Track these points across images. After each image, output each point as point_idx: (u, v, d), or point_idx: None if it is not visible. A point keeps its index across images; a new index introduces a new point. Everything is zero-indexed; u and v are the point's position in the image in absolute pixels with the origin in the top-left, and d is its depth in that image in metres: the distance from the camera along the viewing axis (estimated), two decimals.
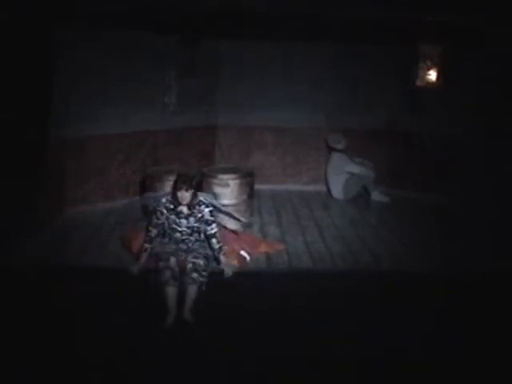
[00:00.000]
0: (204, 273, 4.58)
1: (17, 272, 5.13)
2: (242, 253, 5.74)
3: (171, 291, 4.48)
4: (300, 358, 4.09)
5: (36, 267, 5.35)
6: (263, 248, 6.06)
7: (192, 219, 4.80)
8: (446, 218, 7.48)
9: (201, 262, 4.63)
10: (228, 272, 4.86)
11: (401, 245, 6.44)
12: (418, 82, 8.41)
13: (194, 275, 4.54)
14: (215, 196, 6.29)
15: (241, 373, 3.93)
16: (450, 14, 6.51)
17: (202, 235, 4.88)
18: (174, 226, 4.81)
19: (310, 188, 8.83)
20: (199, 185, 6.49)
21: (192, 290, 4.51)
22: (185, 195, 4.69)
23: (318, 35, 8.10)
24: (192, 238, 4.83)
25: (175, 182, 4.75)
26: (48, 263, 5.54)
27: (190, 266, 4.59)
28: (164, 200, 4.87)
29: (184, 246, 4.83)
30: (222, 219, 5.90)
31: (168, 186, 6.27)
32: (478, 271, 5.58)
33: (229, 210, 6.20)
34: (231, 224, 6.23)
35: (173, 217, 4.80)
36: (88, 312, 4.58)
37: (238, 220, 6.28)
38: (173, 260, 4.61)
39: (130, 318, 4.50)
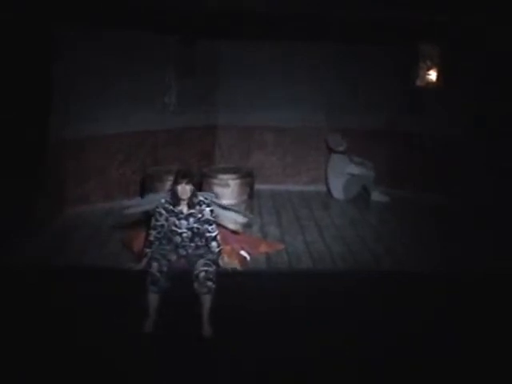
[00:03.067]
0: (215, 279, 4.46)
1: (17, 272, 5.13)
2: (242, 253, 5.74)
3: (151, 298, 4.39)
4: (300, 358, 4.09)
5: (36, 267, 5.35)
6: (263, 248, 6.06)
7: (192, 219, 4.66)
8: (446, 218, 7.48)
9: (212, 269, 4.48)
10: (228, 270, 4.85)
11: (401, 245, 6.44)
12: (418, 82, 8.41)
13: (209, 284, 4.40)
14: (216, 196, 6.26)
15: (241, 373, 3.93)
16: (450, 14, 6.52)
17: (203, 240, 4.74)
18: (174, 228, 4.67)
19: (310, 188, 8.83)
20: (199, 185, 6.48)
21: (207, 300, 4.39)
22: (185, 189, 4.55)
23: (318, 35, 8.11)
24: (192, 245, 4.69)
25: (175, 177, 4.62)
26: (48, 263, 5.55)
27: (203, 274, 4.42)
28: (163, 201, 4.73)
29: (183, 252, 4.69)
30: (222, 220, 5.87)
31: (168, 186, 6.30)
32: (478, 271, 5.58)
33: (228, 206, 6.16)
34: (231, 224, 6.21)
35: (172, 218, 4.66)
36: (88, 312, 4.58)
37: (244, 215, 6.21)
38: (155, 265, 4.45)
39: (130, 318, 4.49)
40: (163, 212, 4.71)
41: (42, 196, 6.40)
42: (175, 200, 4.66)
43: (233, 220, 6.10)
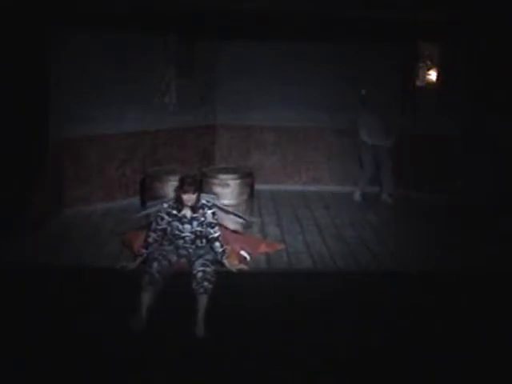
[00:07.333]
0: (213, 279, 4.49)
1: (16, 272, 5.13)
2: (242, 253, 5.73)
3: (145, 296, 4.41)
4: (300, 358, 4.09)
5: (35, 267, 5.35)
6: (263, 248, 6.06)
7: (195, 223, 4.70)
8: (446, 218, 7.48)
9: (210, 269, 4.51)
10: (233, 270, 4.88)
11: (401, 245, 6.44)
12: (418, 82, 8.41)
13: (205, 284, 4.42)
14: (217, 197, 6.25)
15: (241, 372, 3.93)
16: (450, 14, 6.52)
17: (204, 240, 4.78)
18: (177, 232, 4.71)
19: (310, 188, 8.83)
20: (200, 185, 6.47)
21: (204, 300, 4.40)
22: (191, 197, 4.60)
23: (317, 35, 8.10)
24: (194, 246, 4.73)
25: (180, 185, 4.63)
26: (47, 263, 5.54)
27: (200, 274, 4.45)
28: (166, 205, 4.76)
29: (184, 252, 4.73)
30: (223, 220, 5.87)
31: (168, 186, 6.31)
32: (477, 271, 5.58)
33: (230, 210, 6.17)
34: (231, 224, 6.22)
35: (176, 223, 4.70)
36: (87, 312, 4.57)
37: (244, 219, 6.21)
38: (155, 265, 4.49)
39: (130, 318, 4.48)
40: (165, 217, 4.75)
41: (41, 196, 6.40)
42: (179, 206, 4.68)
43: (233, 220, 6.11)
